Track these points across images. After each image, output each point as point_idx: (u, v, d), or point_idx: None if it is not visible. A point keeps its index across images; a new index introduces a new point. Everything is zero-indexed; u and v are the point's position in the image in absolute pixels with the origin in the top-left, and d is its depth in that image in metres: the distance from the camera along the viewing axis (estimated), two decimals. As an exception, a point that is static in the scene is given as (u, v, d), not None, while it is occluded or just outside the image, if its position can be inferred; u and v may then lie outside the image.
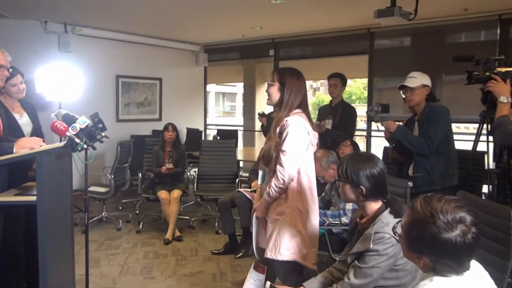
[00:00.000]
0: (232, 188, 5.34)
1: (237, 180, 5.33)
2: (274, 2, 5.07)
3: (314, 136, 2.50)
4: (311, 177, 2.47)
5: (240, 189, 4.40)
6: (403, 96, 3.38)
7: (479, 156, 3.88)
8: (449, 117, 3.29)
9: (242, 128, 9.26)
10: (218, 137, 6.93)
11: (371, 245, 1.71)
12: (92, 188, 5.26)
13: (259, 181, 2.62)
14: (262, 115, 4.89)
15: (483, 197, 3.45)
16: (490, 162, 3.09)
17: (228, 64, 8.99)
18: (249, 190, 4.34)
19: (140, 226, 5.22)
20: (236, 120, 22.28)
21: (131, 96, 7.52)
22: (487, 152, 3.06)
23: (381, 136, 7.68)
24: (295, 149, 2.37)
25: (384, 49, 6.59)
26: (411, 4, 4.73)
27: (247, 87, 9.24)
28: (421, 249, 1.24)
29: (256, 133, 9.14)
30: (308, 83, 22.14)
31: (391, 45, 6.60)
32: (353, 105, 4.74)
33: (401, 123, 3.50)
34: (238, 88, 23.40)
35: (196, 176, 5.50)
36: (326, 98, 19.39)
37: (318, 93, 24.61)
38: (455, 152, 3.34)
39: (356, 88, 22.09)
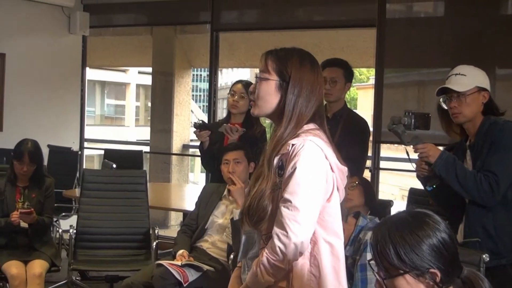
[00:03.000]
0: (140, 257, 5.32)
1: (153, 243, 5.32)
2: None
3: (341, 173, 2.50)
4: (338, 247, 2.46)
5: (161, 261, 4.38)
6: (444, 107, 3.54)
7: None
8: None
9: (148, 148, 9.28)
10: (114, 165, 6.88)
11: None
12: None
13: (240, 255, 2.60)
14: (201, 126, 4.86)
15: None
16: None
17: (125, 34, 8.98)
18: (177, 264, 4.33)
19: (-34, 329, 5.06)
20: (128, 132, 22.09)
21: None
22: None
23: (401, 170, 7.95)
24: (309, 196, 2.35)
25: (401, 20, 6.90)
26: None
27: (158, 75, 9.27)
28: None
29: (174, 157, 9.15)
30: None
31: (413, 14, 6.94)
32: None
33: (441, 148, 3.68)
34: (131, 74, 23.28)
35: (73, 235, 5.42)
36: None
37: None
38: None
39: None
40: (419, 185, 4.84)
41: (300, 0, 7.33)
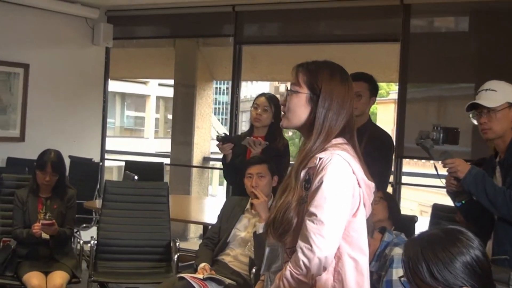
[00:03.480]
0: (161, 270, 5.31)
1: (175, 256, 5.30)
2: None
3: (368, 189, 2.49)
4: (362, 263, 2.44)
5: (183, 274, 4.35)
6: (474, 122, 3.50)
7: None
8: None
9: (168, 159, 9.27)
10: (136, 177, 6.87)
11: None
12: None
13: (263, 268, 2.58)
14: (224, 139, 4.86)
15: None
16: None
17: (148, 46, 9.00)
18: (199, 277, 4.30)
19: None
20: (148, 144, 22.15)
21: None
22: None
23: (423, 185, 7.86)
24: (334, 211, 2.34)
25: (425, 35, 6.84)
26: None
27: (180, 87, 9.28)
28: None
29: (194, 170, 9.14)
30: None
31: (437, 29, 6.87)
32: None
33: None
34: (151, 86, 23.39)
35: (94, 247, 5.41)
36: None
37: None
38: None
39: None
40: (441, 201, 4.77)
41: (323, 14, 7.31)
